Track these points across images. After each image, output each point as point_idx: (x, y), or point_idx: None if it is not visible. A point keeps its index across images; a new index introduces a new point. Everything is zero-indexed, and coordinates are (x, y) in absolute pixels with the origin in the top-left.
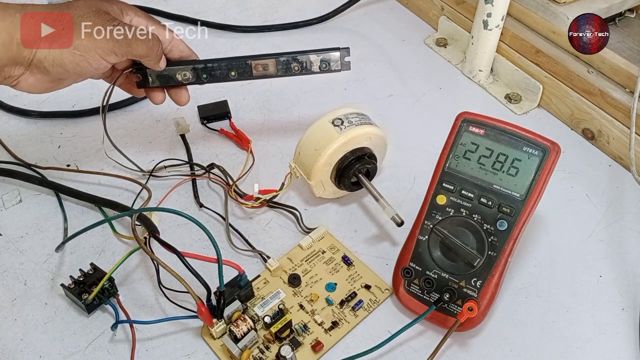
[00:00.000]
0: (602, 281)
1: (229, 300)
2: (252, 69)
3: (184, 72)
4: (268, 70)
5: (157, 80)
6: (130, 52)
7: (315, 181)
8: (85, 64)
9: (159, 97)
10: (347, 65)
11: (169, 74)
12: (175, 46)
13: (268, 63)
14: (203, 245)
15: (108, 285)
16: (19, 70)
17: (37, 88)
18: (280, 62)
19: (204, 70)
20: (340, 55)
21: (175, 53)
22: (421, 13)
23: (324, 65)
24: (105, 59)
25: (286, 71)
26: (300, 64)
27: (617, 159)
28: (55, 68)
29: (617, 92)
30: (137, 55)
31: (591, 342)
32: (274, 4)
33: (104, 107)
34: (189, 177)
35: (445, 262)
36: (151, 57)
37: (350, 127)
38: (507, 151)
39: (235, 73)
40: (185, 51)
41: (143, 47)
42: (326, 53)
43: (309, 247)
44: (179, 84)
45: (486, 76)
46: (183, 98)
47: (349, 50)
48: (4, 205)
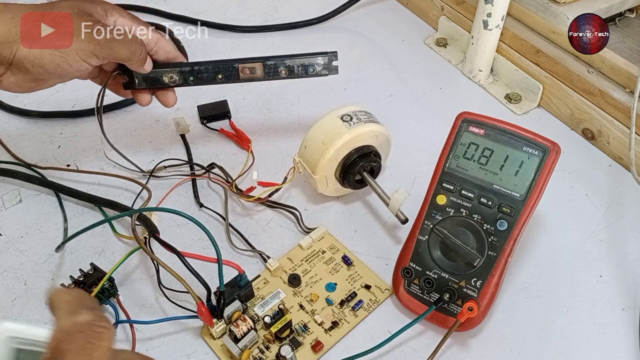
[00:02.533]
0: (602, 281)
1: (229, 300)
2: (239, 72)
3: (170, 74)
4: (255, 74)
5: (143, 82)
6: (111, 55)
7: (320, 176)
8: (66, 65)
9: (145, 99)
10: (334, 69)
11: (155, 76)
12: (161, 47)
13: (255, 66)
14: (203, 245)
15: (108, 285)
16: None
17: (20, 87)
18: (268, 66)
19: (191, 73)
20: (328, 59)
21: (161, 54)
22: (421, 13)
23: (311, 70)
24: (86, 61)
25: (273, 75)
26: (288, 68)
27: (617, 159)
28: (35, 68)
29: (617, 92)
30: (119, 59)
31: (591, 342)
32: (274, 4)
33: (99, 108)
34: (189, 177)
35: (445, 262)
36: (133, 60)
37: (358, 124)
38: (507, 151)
39: (222, 76)
40: (172, 52)
41: (125, 50)
42: (313, 57)
43: (309, 247)
44: (166, 85)
45: (486, 76)
46: (170, 100)
47: (336, 54)
48: (4, 205)
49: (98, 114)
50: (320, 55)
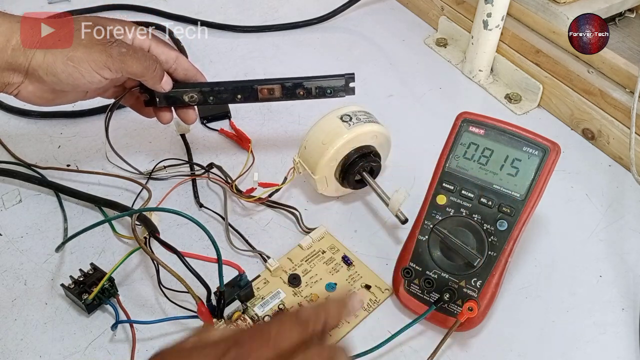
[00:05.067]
0: (602, 281)
1: (229, 300)
2: (258, 92)
3: (191, 94)
4: (274, 94)
5: (164, 101)
6: (124, 68)
7: (320, 176)
8: (78, 75)
9: (166, 117)
10: (351, 91)
11: (175, 95)
12: (180, 65)
13: (274, 88)
14: (203, 245)
15: (108, 285)
16: (18, 78)
17: (39, 98)
18: (286, 88)
19: (211, 93)
20: (345, 81)
21: (180, 72)
22: (421, 13)
23: (328, 91)
24: (98, 73)
25: (291, 96)
26: (306, 90)
27: (617, 159)
28: (49, 77)
29: (617, 92)
30: (132, 73)
31: (591, 342)
32: (274, 4)
33: (107, 122)
34: (189, 177)
35: (445, 262)
36: (147, 76)
37: (358, 124)
38: (507, 151)
39: (241, 96)
40: (191, 70)
41: (138, 65)
42: (331, 80)
43: (309, 247)
44: (186, 104)
45: (486, 76)
46: (191, 117)
47: (354, 76)
48: (4, 205)
49: (107, 120)
50: (337, 77)
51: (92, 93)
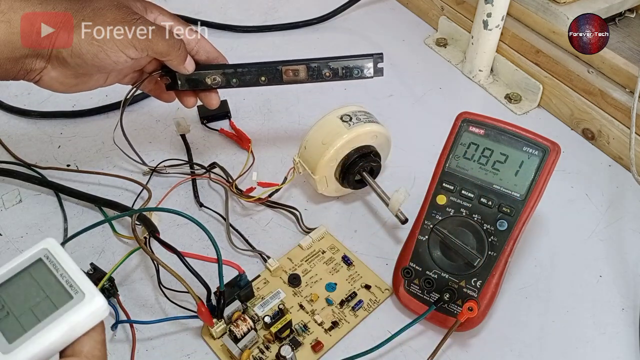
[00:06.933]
0: (602, 281)
1: (229, 300)
2: (283, 74)
3: (213, 76)
4: (299, 76)
5: (186, 84)
6: (150, 47)
7: (320, 176)
8: (103, 55)
9: (190, 101)
10: (380, 72)
11: (198, 78)
12: (202, 47)
13: (299, 69)
14: (203, 245)
15: (108, 285)
16: (40, 64)
17: (61, 84)
18: (312, 68)
19: (234, 75)
20: (374, 61)
21: (202, 54)
22: (421, 13)
23: (356, 72)
24: (123, 52)
25: (317, 77)
26: (332, 70)
27: (617, 159)
28: (74, 59)
29: (617, 92)
30: (158, 53)
31: (591, 342)
32: (274, 4)
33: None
34: (189, 177)
35: (445, 262)
36: (172, 56)
37: (358, 124)
38: (507, 151)
39: (265, 78)
40: (213, 52)
41: (164, 44)
42: (359, 60)
43: (309, 247)
44: (208, 87)
45: (486, 76)
46: (213, 101)
47: (382, 56)
48: (4, 205)
49: (122, 113)
50: (365, 57)
51: (113, 78)
